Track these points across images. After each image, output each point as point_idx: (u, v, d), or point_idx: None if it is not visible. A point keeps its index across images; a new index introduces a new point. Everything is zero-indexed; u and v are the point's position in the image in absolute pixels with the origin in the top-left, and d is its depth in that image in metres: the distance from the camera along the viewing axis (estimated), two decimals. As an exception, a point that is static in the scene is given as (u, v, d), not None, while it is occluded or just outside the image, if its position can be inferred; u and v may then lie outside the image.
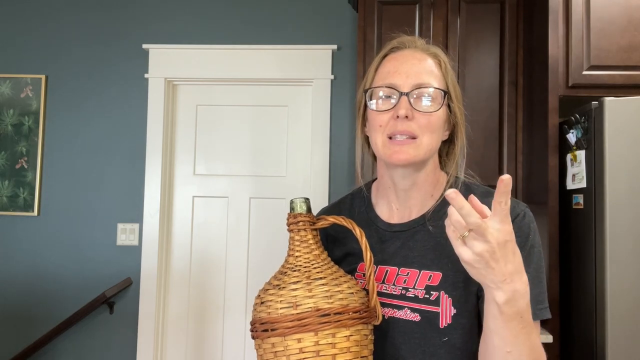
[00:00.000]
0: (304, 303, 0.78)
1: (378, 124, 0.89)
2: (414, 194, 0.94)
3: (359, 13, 2.28)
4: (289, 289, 0.80)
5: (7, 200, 2.67)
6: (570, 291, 1.87)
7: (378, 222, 0.96)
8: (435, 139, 0.89)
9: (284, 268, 0.85)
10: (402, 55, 0.91)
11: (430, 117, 0.87)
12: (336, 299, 0.78)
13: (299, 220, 0.86)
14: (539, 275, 0.85)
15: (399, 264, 0.90)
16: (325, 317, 0.77)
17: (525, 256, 0.83)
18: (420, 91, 0.87)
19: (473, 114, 2.23)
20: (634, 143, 1.65)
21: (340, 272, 0.84)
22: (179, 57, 2.66)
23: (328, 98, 2.60)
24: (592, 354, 1.68)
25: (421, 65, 0.89)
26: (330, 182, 2.58)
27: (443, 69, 0.91)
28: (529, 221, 0.87)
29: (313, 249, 0.86)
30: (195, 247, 2.70)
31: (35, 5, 2.74)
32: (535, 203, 2.02)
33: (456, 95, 0.93)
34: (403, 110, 0.85)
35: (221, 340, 2.64)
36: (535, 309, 0.82)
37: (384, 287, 0.91)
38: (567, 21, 1.92)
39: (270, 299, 0.81)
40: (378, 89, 0.90)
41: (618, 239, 1.64)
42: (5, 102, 2.70)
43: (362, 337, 0.79)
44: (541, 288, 0.85)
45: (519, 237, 0.84)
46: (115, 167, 2.67)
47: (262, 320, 0.80)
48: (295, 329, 0.76)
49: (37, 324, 2.61)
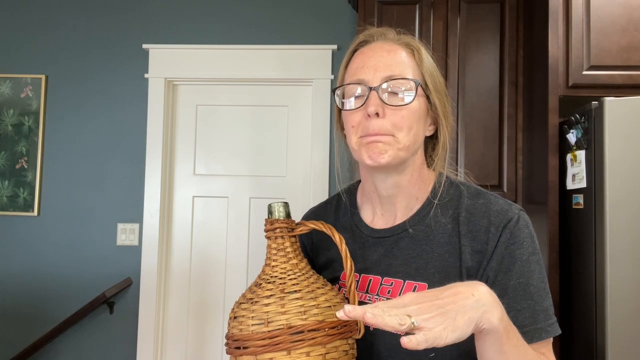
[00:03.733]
0: (275, 320, 0.72)
1: (351, 124, 0.82)
2: (398, 198, 0.87)
3: (359, 13, 2.28)
4: (262, 303, 0.74)
5: (7, 200, 2.67)
6: (570, 291, 1.87)
7: (362, 226, 0.90)
8: (413, 135, 0.81)
9: (260, 279, 0.79)
10: (370, 48, 0.84)
11: (403, 112, 0.79)
12: (310, 315, 0.72)
13: (275, 226, 0.80)
14: (543, 286, 0.78)
15: (382, 273, 0.84)
16: (298, 335, 0.71)
17: (524, 266, 0.77)
18: (389, 84, 0.80)
19: (473, 114, 2.23)
20: (634, 143, 1.65)
21: (318, 283, 0.78)
22: (179, 57, 2.66)
23: (328, 98, 2.60)
24: (592, 354, 1.68)
25: (390, 56, 0.82)
26: (330, 182, 2.58)
27: (417, 59, 0.83)
28: (523, 226, 0.80)
29: (290, 258, 0.79)
30: (195, 247, 2.70)
31: (35, 5, 2.74)
32: (535, 203, 2.02)
33: (435, 86, 0.84)
34: (373, 107, 0.78)
35: (221, 340, 2.64)
36: (546, 325, 0.75)
37: (367, 297, 0.84)
38: (567, 21, 1.92)
39: (243, 314, 0.75)
40: (347, 86, 0.83)
41: (618, 239, 1.64)
42: (5, 102, 2.70)
43: (340, 353, 0.73)
44: (548, 300, 0.77)
45: (513, 244, 0.78)
46: (115, 167, 2.67)
47: (234, 337, 0.75)
48: (267, 347, 0.71)
49: (37, 324, 2.61)
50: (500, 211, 0.81)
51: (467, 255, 0.80)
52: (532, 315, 0.75)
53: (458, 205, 0.84)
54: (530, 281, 0.77)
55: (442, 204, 0.85)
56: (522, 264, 0.77)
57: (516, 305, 0.76)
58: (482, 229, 0.80)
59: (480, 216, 0.81)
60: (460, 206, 0.84)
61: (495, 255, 0.78)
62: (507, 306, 0.74)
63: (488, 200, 0.83)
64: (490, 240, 0.79)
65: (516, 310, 0.75)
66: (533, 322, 0.75)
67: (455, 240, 0.82)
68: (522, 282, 0.77)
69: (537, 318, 0.75)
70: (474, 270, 0.80)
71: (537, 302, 0.76)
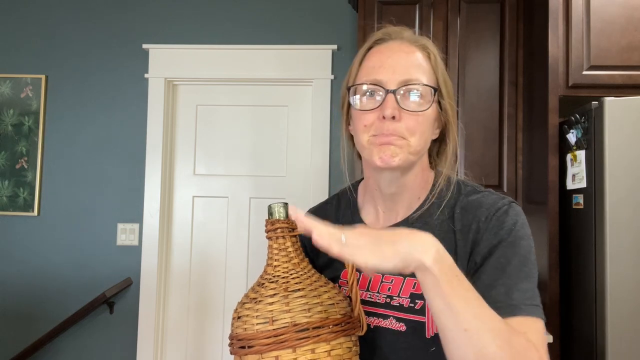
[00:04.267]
0: (280, 318, 0.73)
1: (363, 123, 0.82)
2: (401, 198, 0.88)
3: (359, 13, 2.28)
4: (266, 302, 0.75)
5: (7, 200, 2.67)
6: (570, 291, 1.87)
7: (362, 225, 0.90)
8: (424, 139, 0.82)
9: (262, 279, 0.80)
10: (387, 47, 0.84)
11: (418, 117, 0.80)
12: (315, 312, 0.74)
13: (277, 227, 0.80)
14: (526, 270, 0.77)
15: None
16: (303, 332, 0.72)
17: (507, 247, 0.77)
18: (408, 88, 0.80)
19: (473, 114, 2.23)
20: (634, 143, 1.65)
21: (321, 282, 0.79)
22: (179, 57, 2.66)
23: (328, 98, 2.60)
24: (592, 354, 1.68)
25: (409, 58, 0.82)
26: (330, 182, 2.58)
27: (433, 62, 0.84)
28: (512, 214, 0.80)
29: (292, 258, 0.80)
30: (195, 247, 2.70)
31: (35, 6, 2.74)
32: (535, 203, 2.02)
33: (447, 91, 0.85)
34: (389, 110, 0.78)
35: (221, 340, 2.64)
36: (521, 303, 0.73)
37: (368, 295, 0.86)
38: (567, 21, 1.92)
39: (247, 313, 0.76)
40: (362, 85, 0.82)
41: (618, 239, 1.64)
42: (5, 102, 2.70)
43: (344, 350, 0.75)
44: (530, 283, 0.76)
45: (498, 228, 0.79)
46: (115, 167, 2.67)
47: (238, 336, 0.76)
48: (272, 345, 0.72)
49: (37, 324, 2.61)
50: (492, 203, 0.82)
51: (461, 249, 0.81)
52: (506, 292, 0.74)
53: (455, 203, 0.86)
54: (511, 261, 0.76)
55: (441, 203, 0.86)
56: (505, 246, 0.78)
57: (492, 282, 0.75)
58: (474, 222, 0.82)
59: (472, 210, 0.83)
60: (457, 204, 0.85)
61: (482, 241, 0.79)
62: (484, 283, 0.74)
63: (482, 196, 0.85)
64: (480, 229, 0.80)
65: (492, 287, 0.74)
66: (507, 298, 0.73)
67: (451, 236, 0.83)
68: (502, 261, 0.76)
69: (512, 296, 0.74)
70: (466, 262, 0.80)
71: (515, 282, 0.75)
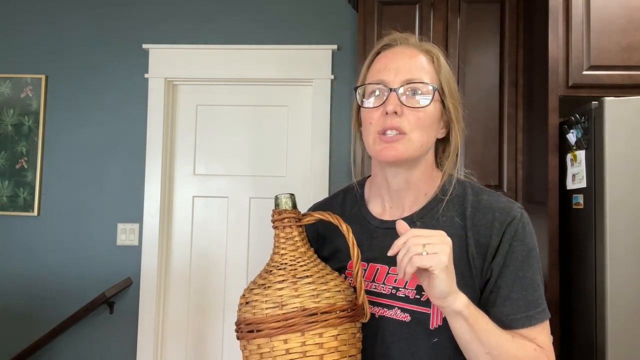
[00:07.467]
0: (290, 303, 0.76)
1: (369, 121, 0.88)
2: (407, 193, 0.93)
3: (359, 13, 2.28)
4: (275, 288, 0.78)
5: (7, 200, 2.67)
6: (570, 291, 1.87)
7: (369, 218, 0.95)
8: (426, 136, 0.88)
9: (269, 267, 0.83)
10: (393, 52, 0.91)
11: (419, 113, 0.86)
12: (323, 298, 0.77)
13: (284, 217, 0.84)
14: (537, 278, 0.86)
15: (389, 263, 0.88)
16: (312, 317, 0.75)
17: (522, 260, 0.85)
18: (409, 87, 0.86)
19: (473, 114, 2.23)
20: (634, 143, 1.65)
21: (327, 270, 0.82)
22: (179, 57, 2.66)
23: (328, 98, 2.60)
24: (592, 354, 1.68)
25: (412, 61, 0.89)
26: (330, 182, 2.58)
27: (435, 65, 0.90)
28: (525, 224, 0.87)
29: (299, 247, 0.83)
30: (195, 247, 2.70)
31: (36, 6, 2.74)
32: (535, 203, 2.02)
33: (450, 92, 0.91)
34: (391, 105, 0.85)
35: (221, 340, 2.64)
36: (535, 313, 0.84)
37: (373, 286, 0.89)
38: (567, 21, 1.92)
39: (256, 298, 0.79)
40: (369, 86, 0.90)
41: (618, 239, 1.64)
42: (5, 102, 2.70)
43: (349, 335, 0.78)
44: (540, 289, 0.86)
45: (515, 241, 0.85)
46: (115, 167, 2.67)
47: (247, 320, 0.78)
48: (281, 329, 0.74)
49: (37, 324, 2.61)
50: (504, 208, 0.88)
51: (472, 247, 0.87)
52: (525, 305, 0.84)
53: (464, 201, 0.91)
54: (527, 274, 0.85)
55: (449, 200, 0.91)
56: (522, 259, 0.85)
57: (513, 295, 0.84)
58: (487, 224, 0.87)
59: (484, 212, 0.88)
60: (466, 202, 0.90)
61: (500, 251, 0.86)
62: (502, 295, 0.84)
63: (492, 197, 0.91)
64: (494, 235, 0.86)
65: (512, 299, 0.84)
66: (525, 310, 0.83)
67: (462, 233, 0.87)
68: (520, 275, 0.85)
69: (529, 307, 0.84)
70: (479, 262, 0.86)
71: (530, 292, 0.84)
